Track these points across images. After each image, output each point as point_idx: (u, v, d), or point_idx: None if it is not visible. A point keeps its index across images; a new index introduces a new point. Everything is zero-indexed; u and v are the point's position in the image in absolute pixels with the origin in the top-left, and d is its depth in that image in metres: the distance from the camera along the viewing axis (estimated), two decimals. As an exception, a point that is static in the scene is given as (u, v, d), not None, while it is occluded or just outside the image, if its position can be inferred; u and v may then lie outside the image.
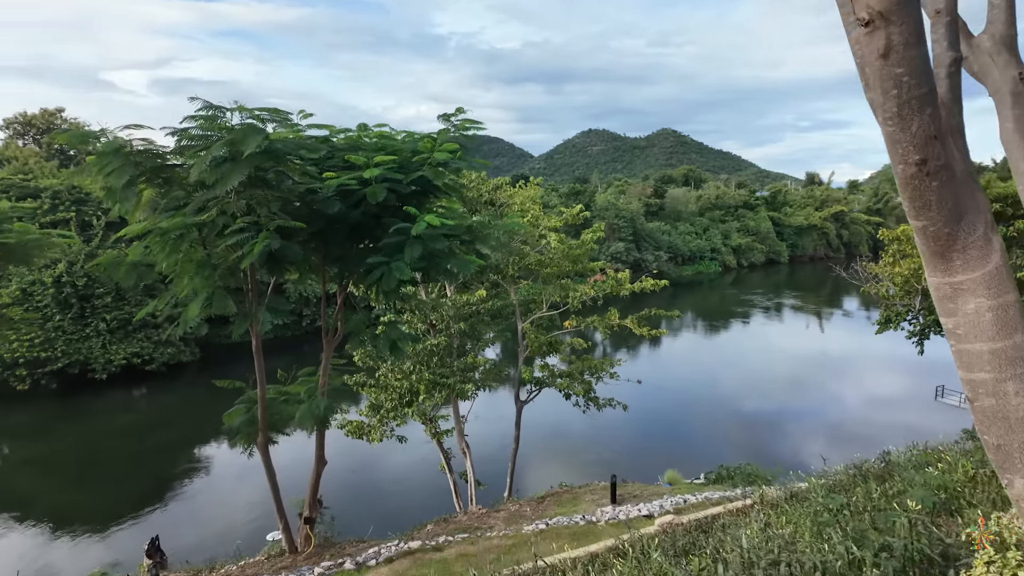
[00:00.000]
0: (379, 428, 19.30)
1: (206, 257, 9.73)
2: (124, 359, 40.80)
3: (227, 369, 43.26)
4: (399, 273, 8.82)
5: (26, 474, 30.65)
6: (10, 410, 37.74)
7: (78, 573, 18.46)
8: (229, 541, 17.29)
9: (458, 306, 20.44)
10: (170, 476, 28.47)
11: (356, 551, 10.55)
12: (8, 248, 10.34)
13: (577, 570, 5.25)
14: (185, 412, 38.21)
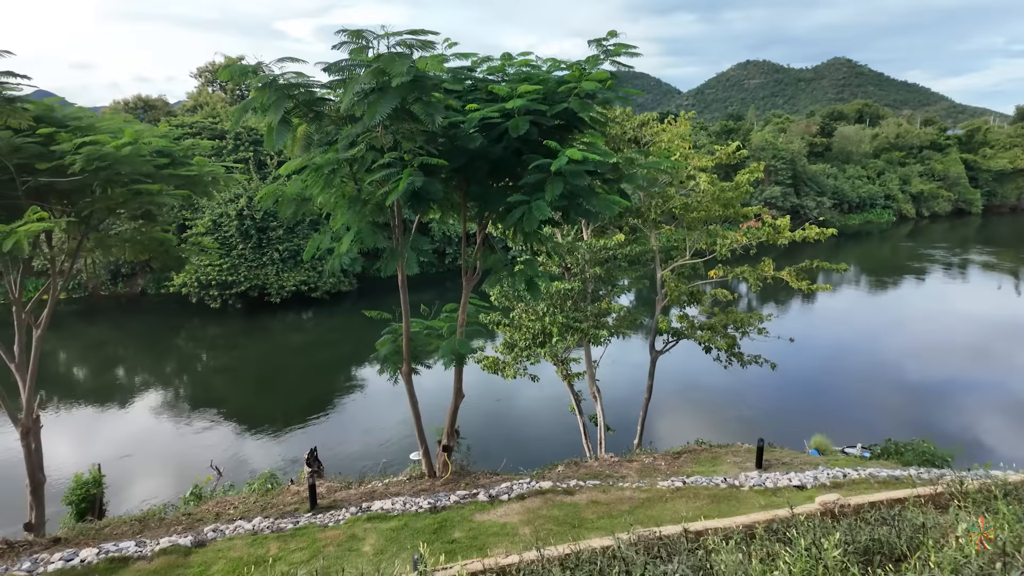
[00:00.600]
0: (513, 365, 19.71)
1: (356, 192, 10.04)
2: (294, 286, 45.60)
3: (380, 299, 46.91)
4: (539, 213, 8.44)
5: (219, 379, 35.96)
6: (206, 324, 44.18)
7: (256, 468, 21.38)
8: (377, 457, 18.95)
9: (594, 250, 19.85)
10: (330, 391, 31.79)
11: (489, 483, 10.87)
12: (191, 180, 11.48)
13: (729, 546, 4.74)
14: (344, 336, 42.20)
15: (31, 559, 8.42)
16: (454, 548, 8.49)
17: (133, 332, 44.78)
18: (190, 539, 8.94)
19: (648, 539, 6.04)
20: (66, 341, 41.44)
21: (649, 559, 4.87)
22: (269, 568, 8.22)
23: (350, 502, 10.55)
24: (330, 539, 8.85)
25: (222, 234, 44.19)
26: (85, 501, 13.68)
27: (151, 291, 51.16)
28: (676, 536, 5.62)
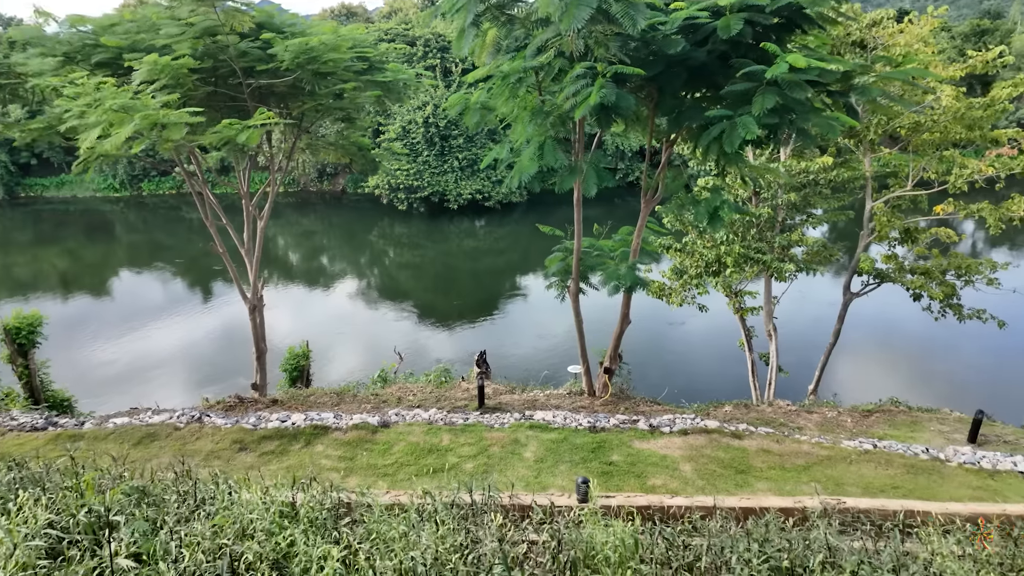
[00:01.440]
0: (680, 293, 18.80)
1: (540, 104, 9.69)
2: (470, 194, 47.57)
3: (550, 212, 47.36)
4: (744, 131, 7.42)
5: (403, 274, 39.55)
6: (394, 224, 48.26)
7: (430, 357, 23.51)
8: (537, 366, 19.70)
9: (792, 173, 17.60)
10: (497, 296, 33.42)
11: (650, 412, 10.69)
12: (386, 85, 11.94)
13: (948, 541, 4.01)
14: (513, 245, 43.64)
15: (255, 415, 10.12)
16: (611, 471, 8.55)
17: (335, 225, 50.51)
18: (377, 419, 10.06)
19: (833, 508, 5.44)
20: (282, 229, 48.03)
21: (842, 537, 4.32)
22: (441, 456, 9.00)
23: (513, 407, 11.06)
24: (495, 440, 9.40)
25: (410, 140, 46.86)
26: (296, 370, 16.13)
27: (350, 190, 56.78)
28: (871, 512, 4.95)
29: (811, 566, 3.47)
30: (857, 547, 3.86)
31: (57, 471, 4.51)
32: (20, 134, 11.38)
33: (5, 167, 52.95)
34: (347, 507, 4.47)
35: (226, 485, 4.27)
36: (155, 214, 51.93)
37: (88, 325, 28.11)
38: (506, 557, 2.91)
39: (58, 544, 2.80)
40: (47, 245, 43.90)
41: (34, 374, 14.84)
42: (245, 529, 3.28)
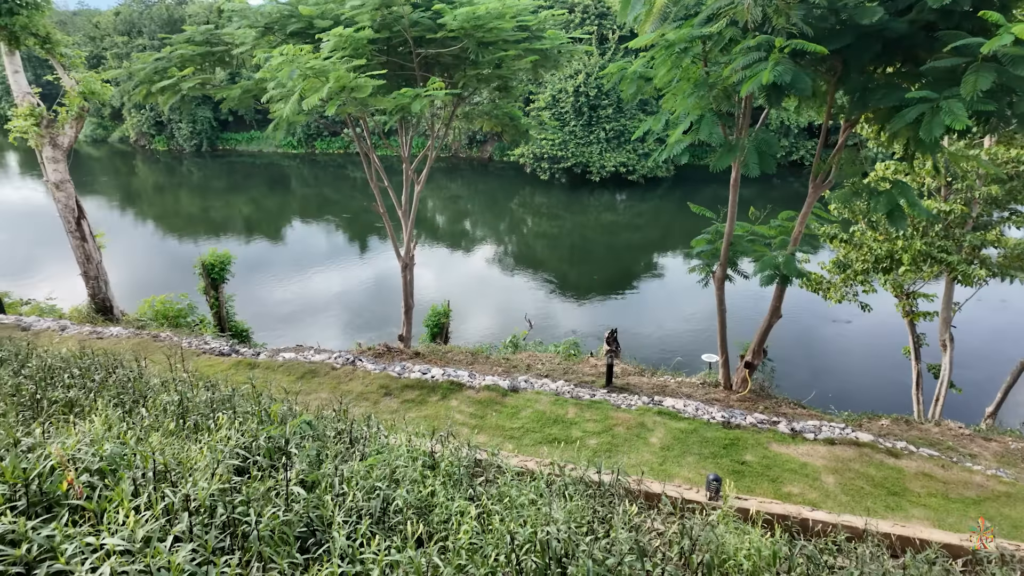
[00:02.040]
0: (840, 288, 17.09)
1: (704, 76, 9.15)
2: (613, 166, 46.59)
3: (696, 189, 45.14)
4: (949, 118, 6.44)
5: (539, 244, 40.06)
6: (535, 193, 48.81)
7: (560, 328, 23.75)
8: (669, 351, 19.12)
9: (998, 162, 15.09)
10: (632, 274, 32.73)
11: (793, 414, 9.96)
12: (543, 53, 11.93)
13: None
14: (653, 221, 42.28)
15: (400, 365, 10.93)
16: (743, 471, 8.14)
17: (479, 192, 52.24)
18: (507, 383, 10.42)
19: (1012, 556, 4.73)
20: (431, 192, 50.59)
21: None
22: (565, 428, 9.14)
23: (642, 390, 10.88)
24: (621, 421, 9.33)
25: (558, 109, 46.71)
26: (437, 327, 17.14)
27: (496, 158, 58.20)
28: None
29: None
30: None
31: (241, 396, 5.22)
32: (226, 97, 12.99)
33: (209, 123, 60.99)
34: (479, 465, 4.72)
35: (376, 429, 4.70)
36: (325, 171, 57.10)
37: (264, 266, 31.93)
38: (640, 548, 2.89)
39: (243, 463, 3.26)
40: (236, 193, 50.22)
41: (222, 305, 17.23)
42: (393, 474, 3.58)
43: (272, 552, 2.37)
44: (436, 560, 2.45)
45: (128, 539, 2.00)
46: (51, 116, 13.80)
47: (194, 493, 2.36)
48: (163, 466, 2.66)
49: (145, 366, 5.85)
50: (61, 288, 21.10)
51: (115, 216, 42.96)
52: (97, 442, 2.87)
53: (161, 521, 2.19)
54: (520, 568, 2.59)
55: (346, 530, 2.64)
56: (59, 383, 4.71)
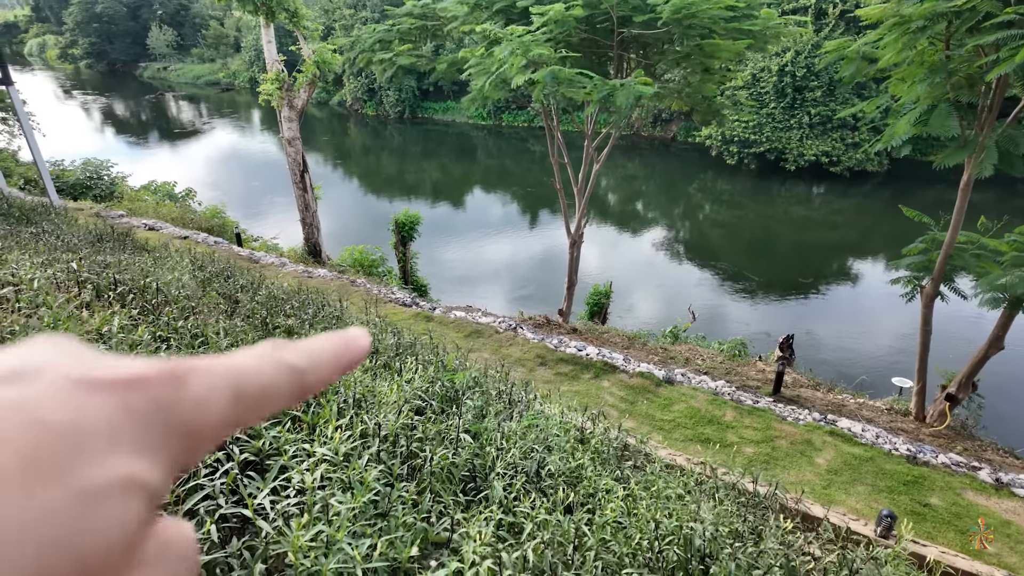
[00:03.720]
0: (1099, 326, 13.95)
1: (943, 60, 7.92)
2: (814, 155, 42.17)
3: (911, 189, 39.35)
4: None
5: (715, 233, 37.93)
6: (718, 179, 46.06)
7: (725, 326, 22.46)
8: (853, 369, 17.16)
9: None
10: (819, 277, 29.69)
11: (1000, 463, 8.49)
12: (753, 34, 11.12)
13: None
14: (854, 221, 37.74)
15: (557, 338, 11.23)
16: (925, 513, 7.20)
17: (657, 173, 50.63)
18: (662, 373, 10.22)
19: None
20: (608, 171, 50.12)
21: None
22: (721, 430, 8.77)
23: (814, 404, 10.00)
24: (785, 434, 8.71)
25: (758, 90, 43.26)
26: (596, 306, 17.22)
27: (680, 138, 55.78)
28: None
29: None
30: None
31: (422, 345, 5.82)
32: (434, 69, 14.04)
33: (413, 91, 66.32)
34: (627, 449, 4.77)
35: (532, 395, 4.97)
36: (508, 143, 59.31)
37: (445, 229, 34.35)
38: (789, 565, 2.75)
39: (422, 404, 3.68)
40: (429, 159, 54.30)
41: (408, 260, 18.96)
42: (546, 440, 3.79)
43: (441, 487, 2.69)
44: (584, 528, 2.58)
45: (334, 451, 2.41)
46: (290, 81, 16.07)
47: (384, 423, 2.76)
48: (360, 396, 3.13)
49: (346, 307, 6.74)
50: (284, 230, 24.78)
51: (328, 171, 48.92)
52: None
53: (358, 442, 2.60)
54: (661, 556, 2.63)
55: (503, 482, 2.89)
56: (281, 312, 5.62)
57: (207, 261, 7.49)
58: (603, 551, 2.61)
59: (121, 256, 6.70)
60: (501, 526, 2.50)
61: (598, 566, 2.41)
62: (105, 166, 21.92)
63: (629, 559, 2.55)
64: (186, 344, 3.47)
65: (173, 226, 16.47)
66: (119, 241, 7.82)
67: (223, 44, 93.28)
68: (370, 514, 2.22)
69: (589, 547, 2.56)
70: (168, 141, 57.84)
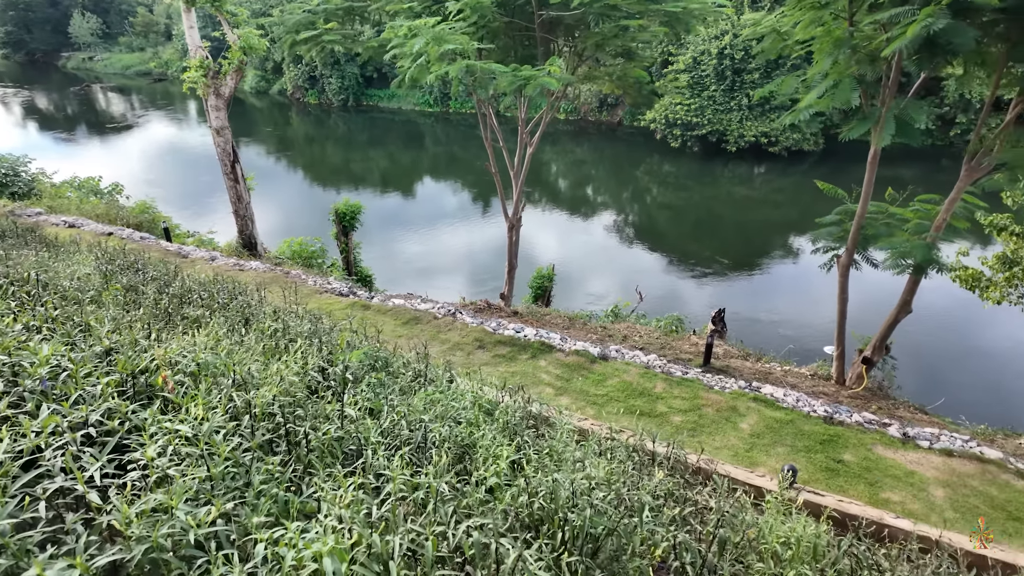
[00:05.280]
0: (1002, 287, 14.96)
1: (847, 35, 8.28)
2: (753, 136, 43.38)
3: (845, 166, 40.95)
4: None
5: (662, 215, 38.72)
6: (664, 162, 46.91)
7: (669, 304, 23.05)
8: (782, 339, 17.90)
9: None
10: (760, 254, 30.72)
11: (910, 419, 9.05)
12: (675, 16, 11.34)
13: None
14: (792, 199, 39.10)
15: (497, 321, 11.31)
16: (838, 469, 7.62)
17: (605, 157, 51.17)
18: (598, 350, 10.43)
19: None
20: (556, 156, 50.41)
21: None
22: (651, 402, 9.03)
23: (742, 374, 10.40)
24: (711, 402, 9.04)
25: (699, 73, 44.10)
26: (540, 289, 17.41)
27: (626, 122, 56.43)
28: None
29: None
30: None
31: (340, 331, 5.78)
32: (363, 50, 13.75)
33: (356, 79, 64.87)
34: (539, 420, 4.88)
35: (448, 373, 5.03)
36: (456, 129, 58.84)
37: (393, 218, 33.94)
38: (638, 504, 2.91)
39: (317, 385, 3.68)
40: (375, 147, 53.36)
41: (351, 251, 18.69)
42: (448, 413, 3.85)
43: (316, 461, 2.71)
44: (444, 489, 2.65)
45: (195, 428, 2.40)
46: (216, 68, 15.51)
47: (254, 400, 2.76)
48: (241, 377, 3.11)
49: (264, 296, 6.62)
50: (222, 224, 23.99)
51: (271, 162, 47.51)
52: (194, 350, 3.42)
53: (226, 418, 2.59)
54: (532, 511, 2.73)
55: (386, 452, 2.93)
56: (192, 302, 5.49)
57: (118, 255, 7.21)
58: (480, 507, 2.69)
59: (22, 252, 6.41)
60: (366, 490, 2.54)
61: (451, 516, 2.48)
62: (22, 162, 20.73)
63: (503, 514, 2.64)
64: (63, 334, 3.36)
65: (97, 223, 15.75)
66: (21, 237, 7.45)
67: (153, 32, 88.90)
68: (230, 486, 2.22)
69: (465, 505, 2.64)
70: (99, 135, 54.98)
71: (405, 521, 2.30)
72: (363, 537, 2.02)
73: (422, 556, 2.13)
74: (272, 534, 1.93)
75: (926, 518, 6.75)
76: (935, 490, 7.27)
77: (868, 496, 7.17)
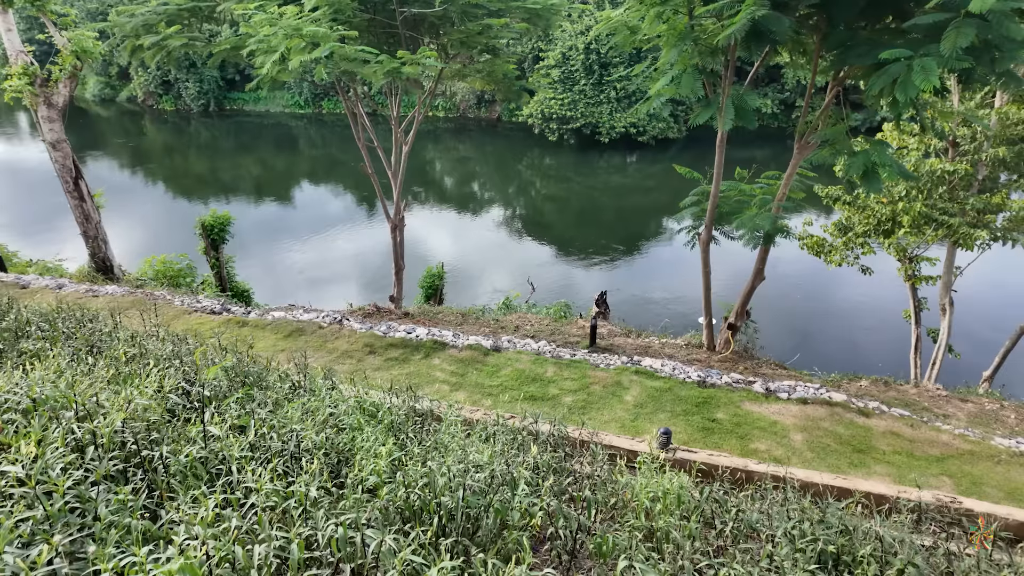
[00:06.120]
0: (841, 251, 16.96)
1: (688, 28, 8.97)
2: (623, 127, 45.74)
3: (708, 151, 44.32)
4: (922, 78, 6.29)
5: (547, 207, 39.86)
6: (544, 155, 48.27)
7: (561, 290, 23.85)
8: (661, 314, 19.19)
9: (1006, 123, 14.73)
10: (639, 237, 32.58)
11: (772, 375, 10.07)
12: (535, 13, 11.71)
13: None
14: (663, 184, 41.73)
15: (387, 324, 11.14)
16: (713, 427, 8.31)
17: (487, 153, 51.76)
18: (490, 343, 10.60)
19: (947, 507, 4.87)
20: (439, 154, 50.26)
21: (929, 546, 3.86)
22: (543, 386, 9.34)
23: (624, 350, 11.02)
24: (598, 379, 9.51)
25: (568, 68, 45.69)
26: (431, 288, 17.35)
27: (505, 118, 57.35)
28: (994, 518, 4.36)
29: (858, 556, 3.20)
30: (927, 547, 3.45)
31: (207, 348, 5.44)
32: (215, 51, 12.89)
33: (216, 82, 60.57)
34: (428, 416, 4.92)
35: (329, 381, 4.91)
36: (332, 131, 56.78)
37: (271, 227, 32.21)
38: (509, 479, 3.07)
39: (180, 408, 3.46)
40: (244, 154, 50.23)
41: (222, 266, 17.53)
42: (328, 420, 3.78)
43: (178, 485, 2.57)
44: (313, 493, 2.62)
45: (27, 467, 2.19)
46: (44, 75, 13.88)
47: (99, 430, 2.56)
48: (85, 408, 2.86)
49: (120, 322, 6.07)
50: (72, 248, 21.53)
51: (125, 177, 43.29)
52: (28, 385, 3.09)
53: (65, 452, 2.38)
54: (409, 503, 2.78)
55: (257, 466, 2.83)
56: (29, 336, 4.93)
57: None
58: (357, 506, 2.68)
59: None
60: (233, 506, 2.46)
61: (323, 519, 2.47)
62: None
63: (381, 510, 2.66)
64: None
65: (-93, 257, 13.58)
66: None
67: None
68: (73, 523, 2.06)
69: (342, 507, 2.62)
70: (-97, 157, 47.24)
71: (273, 529, 2.25)
72: (219, 551, 1.96)
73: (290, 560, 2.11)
74: (118, 562, 1.81)
75: (788, 460, 7.55)
76: (795, 435, 8.15)
77: (740, 448, 7.90)
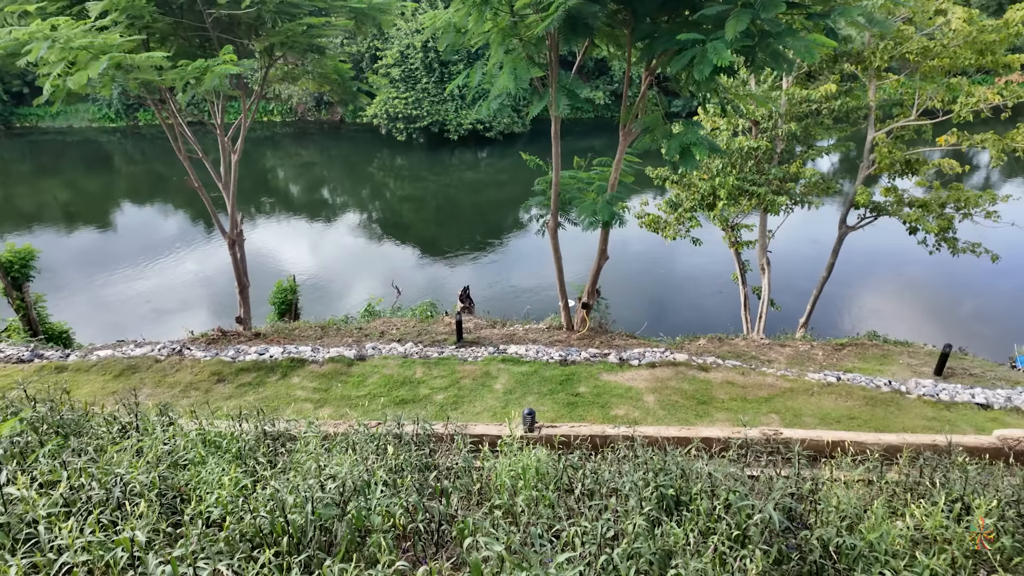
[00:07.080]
0: (675, 226, 18.66)
1: (511, 25, 9.29)
2: (470, 124, 46.32)
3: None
4: (714, 57, 7.10)
5: (404, 207, 39.26)
6: (394, 155, 47.46)
7: (427, 291, 23.74)
8: (524, 301, 19.86)
9: (793, 102, 17.09)
10: (496, 231, 33.25)
11: (624, 345, 10.84)
12: (361, 12, 11.45)
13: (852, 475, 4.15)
14: (514, 178, 42.92)
15: (235, 348, 10.37)
16: (577, 401, 8.78)
17: (333, 157, 49.75)
18: (353, 352, 10.28)
19: (770, 439, 5.60)
20: (281, 160, 47.46)
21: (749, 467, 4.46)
22: (413, 388, 9.26)
23: (491, 341, 11.24)
24: (467, 373, 9.62)
25: (408, 67, 45.26)
26: (284, 304, 16.38)
27: (348, 119, 55.46)
28: (806, 442, 5.09)
29: (692, 494, 3.64)
30: (743, 476, 4.01)
31: (8, 400, 4.70)
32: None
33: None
34: (282, 437, 4.67)
35: (166, 416, 4.47)
36: (153, 144, 51.26)
37: (90, 258, 28.43)
38: (360, 484, 3.07)
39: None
40: (47, 177, 43.72)
41: (30, 307, 15.17)
42: (161, 458, 3.44)
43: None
44: (141, 537, 2.40)
45: None
46: None
47: None
48: None
49: None
50: None
51: None
52: None
53: None
54: (257, 527, 2.65)
55: (72, 522, 2.51)
56: None
57: None
58: (200, 540, 2.50)
59: None
60: (42, 570, 2.18)
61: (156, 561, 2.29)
62: None
63: (227, 540, 2.50)
64: None
65: None
66: None
67: None
68: None
69: (182, 545, 2.42)
70: None
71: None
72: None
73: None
74: None
75: (643, 420, 8.20)
76: (647, 397, 8.86)
77: (602, 416, 8.43)
